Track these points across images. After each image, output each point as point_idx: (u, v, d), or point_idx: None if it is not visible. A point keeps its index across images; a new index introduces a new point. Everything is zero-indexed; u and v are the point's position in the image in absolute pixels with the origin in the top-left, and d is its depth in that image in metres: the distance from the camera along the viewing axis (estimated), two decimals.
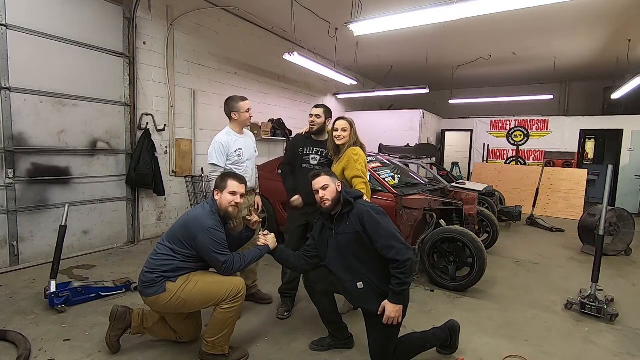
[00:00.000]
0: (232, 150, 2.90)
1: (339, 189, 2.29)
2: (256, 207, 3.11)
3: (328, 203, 2.25)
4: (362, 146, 2.92)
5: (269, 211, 4.77)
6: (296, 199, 2.97)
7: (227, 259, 2.20)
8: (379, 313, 2.10)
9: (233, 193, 2.31)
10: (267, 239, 2.39)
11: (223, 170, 2.88)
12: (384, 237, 2.10)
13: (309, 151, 3.04)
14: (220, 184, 2.34)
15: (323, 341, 2.54)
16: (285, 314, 2.98)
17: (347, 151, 2.82)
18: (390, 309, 2.06)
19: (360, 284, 2.19)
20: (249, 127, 3.18)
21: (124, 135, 4.69)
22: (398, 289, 2.05)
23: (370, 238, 2.14)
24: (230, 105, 2.97)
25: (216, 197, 2.33)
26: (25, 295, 3.18)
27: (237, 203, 2.33)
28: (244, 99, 3.01)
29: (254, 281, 3.17)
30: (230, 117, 3.00)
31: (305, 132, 3.14)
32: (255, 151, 3.15)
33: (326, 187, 2.26)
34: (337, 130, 2.87)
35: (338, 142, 2.88)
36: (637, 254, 5.02)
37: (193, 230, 2.19)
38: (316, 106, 3.09)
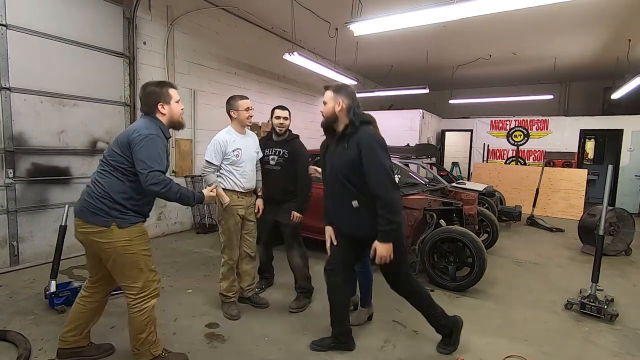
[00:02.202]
0: (229, 149, 2.87)
1: (338, 109, 2.20)
2: (257, 210, 3.10)
3: (323, 119, 2.29)
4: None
5: None
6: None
7: (163, 174, 1.97)
8: (371, 257, 2.14)
9: (178, 101, 2.21)
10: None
11: (216, 168, 2.88)
12: (375, 169, 2.07)
13: (269, 152, 3.18)
14: (163, 96, 2.12)
15: (323, 341, 2.53)
16: (257, 289, 3.31)
17: None
18: (381, 249, 2.09)
19: (355, 203, 2.19)
20: (249, 127, 3.18)
21: None
22: (385, 227, 2.05)
23: (363, 166, 2.10)
24: (230, 104, 2.99)
25: (163, 111, 2.12)
26: (25, 295, 3.18)
27: (182, 109, 2.25)
28: (243, 97, 3.00)
29: (249, 284, 3.15)
30: (230, 116, 3.01)
31: (267, 134, 3.34)
32: (257, 153, 3.10)
33: (325, 103, 2.27)
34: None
35: None
36: (637, 254, 5.02)
37: (130, 132, 1.99)
38: (282, 108, 3.17)
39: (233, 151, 2.88)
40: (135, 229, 2.06)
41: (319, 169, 3.10)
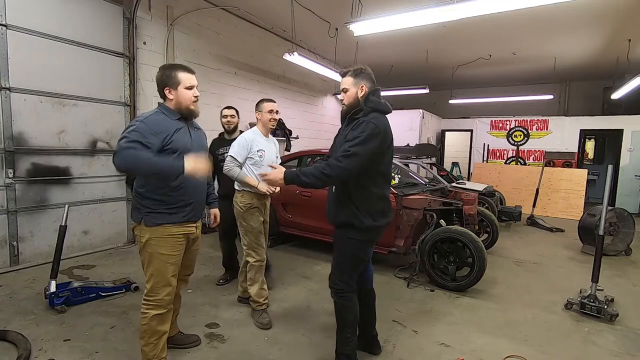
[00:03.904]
0: (254, 149, 2.85)
1: (361, 94, 2.08)
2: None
3: (344, 107, 2.17)
4: None
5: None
6: None
7: (129, 140, 1.79)
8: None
9: (190, 87, 2.06)
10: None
11: (239, 165, 2.83)
12: (345, 147, 1.94)
13: (226, 150, 3.18)
14: (170, 80, 2.02)
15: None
16: (221, 281, 3.63)
17: None
18: (275, 173, 2.03)
19: (334, 188, 2.15)
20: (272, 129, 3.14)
21: None
22: (301, 174, 1.97)
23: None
24: (257, 106, 3.00)
25: (170, 97, 2.04)
26: (25, 295, 3.18)
27: (197, 97, 2.09)
28: (269, 100, 3.00)
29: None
30: (257, 118, 3.01)
31: (219, 134, 3.65)
32: (277, 157, 3.08)
33: (346, 91, 2.13)
34: None
35: None
36: (637, 254, 5.02)
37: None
38: (228, 107, 3.61)
39: (257, 151, 2.86)
40: (160, 229, 1.98)
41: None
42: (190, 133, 2.13)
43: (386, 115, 2.10)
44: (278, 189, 2.82)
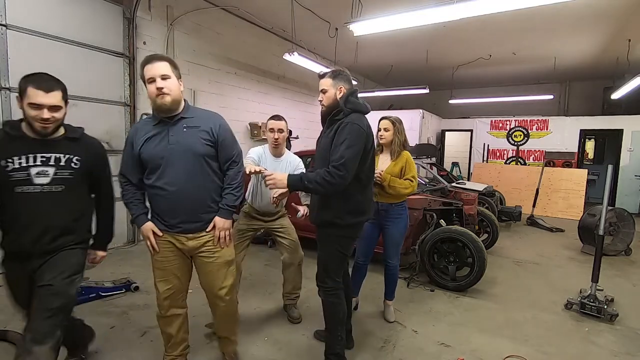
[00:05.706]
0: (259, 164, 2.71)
1: (339, 95, 2.12)
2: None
3: (323, 108, 2.22)
4: (406, 146, 3.03)
5: None
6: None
7: (122, 176, 2.06)
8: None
9: (151, 80, 1.79)
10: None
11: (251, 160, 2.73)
12: (338, 153, 1.95)
13: (30, 161, 1.87)
14: (142, 77, 1.88)
15: (323, 332, 2.56)
16: None
17: (403, 153, 2.98)
18: (280, 176, 1.98)
19: None
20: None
21: (124, 135, 4.68)
22: (305, 179, 1.96)
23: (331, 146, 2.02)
24: None
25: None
26: None
27: (160, 89, 1.77)
28: (272, 117, 2.86)
29: (287, 292, 2.95)
30: None
31: (4, 126, 1.96)
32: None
33: (325, 92, 2.17)
34: (379, 130, 2.97)
35: (381, 142, 3.00)
36: (637, 254, 5.02)
37: None
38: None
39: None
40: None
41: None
42: (169, 137, 1.84)
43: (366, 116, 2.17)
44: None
